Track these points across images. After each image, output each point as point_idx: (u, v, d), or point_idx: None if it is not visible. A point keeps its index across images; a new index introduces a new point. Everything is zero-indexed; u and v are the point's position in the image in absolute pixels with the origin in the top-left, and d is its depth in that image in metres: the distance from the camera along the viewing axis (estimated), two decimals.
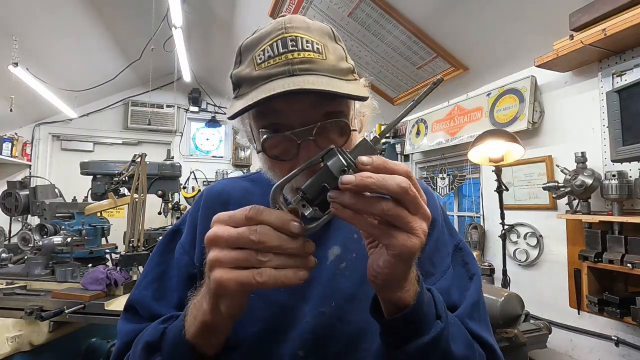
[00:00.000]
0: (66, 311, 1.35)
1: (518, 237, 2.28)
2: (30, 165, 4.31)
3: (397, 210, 0.38)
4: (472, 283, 0.63)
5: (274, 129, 0.51)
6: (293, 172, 0.43)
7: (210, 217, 0.43)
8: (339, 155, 0.40)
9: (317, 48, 0.49)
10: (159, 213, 2.49)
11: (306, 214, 0.40)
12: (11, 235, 3.20)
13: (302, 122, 0.50)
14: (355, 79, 0.54)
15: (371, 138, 0.41)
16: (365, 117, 0.62)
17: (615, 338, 1.73)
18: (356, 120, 0.56)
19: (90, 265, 1.89)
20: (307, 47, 0.49)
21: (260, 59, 0.49)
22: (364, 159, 0.38)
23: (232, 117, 0.51)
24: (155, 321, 0.55)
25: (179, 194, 3.97)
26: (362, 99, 0.50)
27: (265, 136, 0.52)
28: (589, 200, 1.79)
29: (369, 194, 0.38)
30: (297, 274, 0.39)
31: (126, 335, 0.58)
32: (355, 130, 0.53)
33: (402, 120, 3.40)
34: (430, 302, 0.47)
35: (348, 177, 0.37)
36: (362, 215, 0.38)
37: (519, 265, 2.26)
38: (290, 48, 0.48)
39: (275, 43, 0.49)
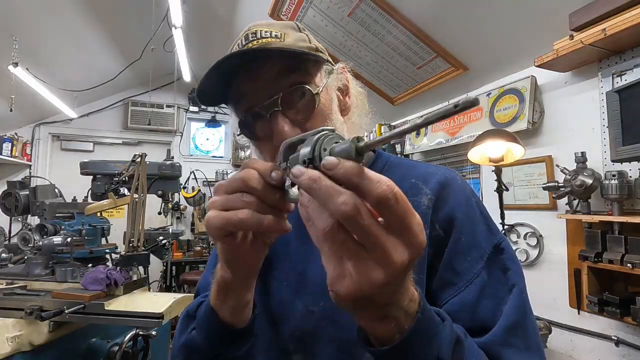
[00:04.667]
0: (66, 311, 1.35)
1: (518, 237, 2.28)
2: (30, 165, 4.30)
3: (365, 221, 0.29)
4: (511, 296, 0.50)
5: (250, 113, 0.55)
6: (301, 135, 0.39)
7: None
8: (314, 143, 0.34)
9: (276, 35, 0.53)
10: (159, 213, 2.49)
11: (287, 184, 0.40)
12: (11, 235, 3.20)
13: (269, 97, 0.52)
14: (318, 54, 0.56)
15: (367, 141, 0.32)
16: (351, 99, 0.63)
17: (615, 338, 1.73)
18: (331, 95, 0.58)
19: (90, 265, 1.88)
20: (265, 35, 0.53)
21: None
22: (329, 160, 0.30)
23: (203, 103, 0.57)
24: (200, 295, 0.62)
25: (179, 194, 3.98)
26: (312, 55, 0.53)
27: (239, 119, 0.55)
28: (589, 200, 1.79)
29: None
30: (280, 222, 0.40)
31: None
32: (318, 94, 0.54)
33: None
34: (425, 343, 0.38)
35: (298, 170, 0.32)
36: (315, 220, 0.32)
37: None
38: (251, 39, 0.53)
39: (240, 41, 0.54)
